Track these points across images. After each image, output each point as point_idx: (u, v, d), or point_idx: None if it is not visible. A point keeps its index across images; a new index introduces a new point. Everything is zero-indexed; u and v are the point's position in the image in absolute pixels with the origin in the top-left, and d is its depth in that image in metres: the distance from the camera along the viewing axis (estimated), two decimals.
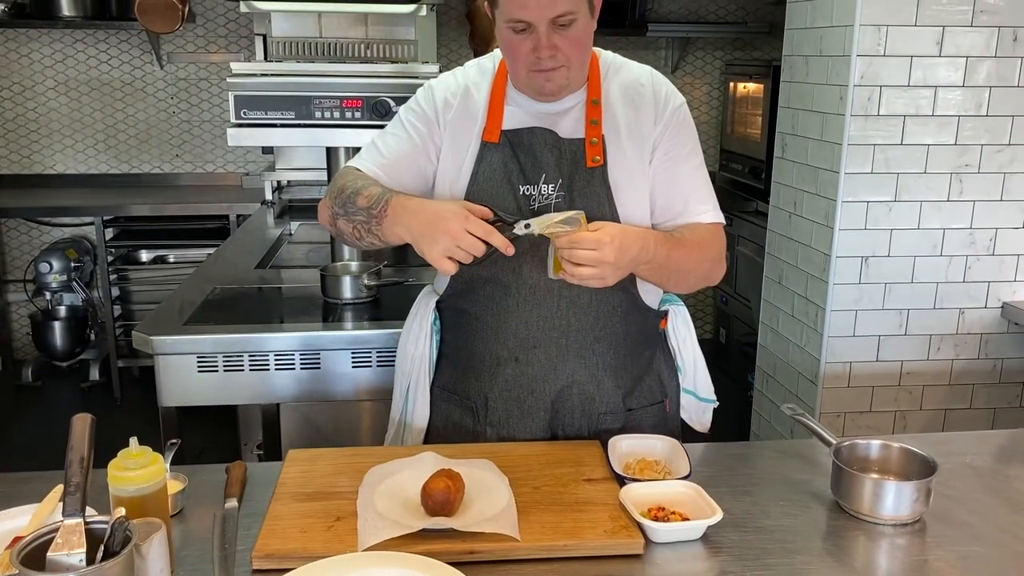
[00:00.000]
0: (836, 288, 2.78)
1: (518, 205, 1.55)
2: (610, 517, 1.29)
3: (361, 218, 1.50)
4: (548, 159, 1.56)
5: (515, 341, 1.58)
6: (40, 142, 4.60)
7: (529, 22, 1.43)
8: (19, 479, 1.42)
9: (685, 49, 4.89)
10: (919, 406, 2.91)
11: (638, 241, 1.42)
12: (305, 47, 2.77)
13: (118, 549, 0.97)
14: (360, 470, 1.38)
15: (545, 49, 1.45)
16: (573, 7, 1.43)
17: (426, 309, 1.69)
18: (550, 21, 1.42)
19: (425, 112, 1.61)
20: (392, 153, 1.61)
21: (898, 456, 1.44)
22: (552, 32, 1.44)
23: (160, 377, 2.08)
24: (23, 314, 4.70)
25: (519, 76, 1.53)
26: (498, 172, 1.56)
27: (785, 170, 3.07)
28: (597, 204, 1.54)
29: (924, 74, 2.64)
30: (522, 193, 1.56)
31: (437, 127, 1.60)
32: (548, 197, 1.55)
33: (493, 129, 1.57)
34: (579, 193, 1.55)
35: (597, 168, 1.55)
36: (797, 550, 1.27)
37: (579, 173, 1.55)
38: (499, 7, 1.47)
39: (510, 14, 1.44)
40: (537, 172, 1.56)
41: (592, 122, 1.56)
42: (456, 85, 1.62)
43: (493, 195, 1.54)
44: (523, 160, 1.56)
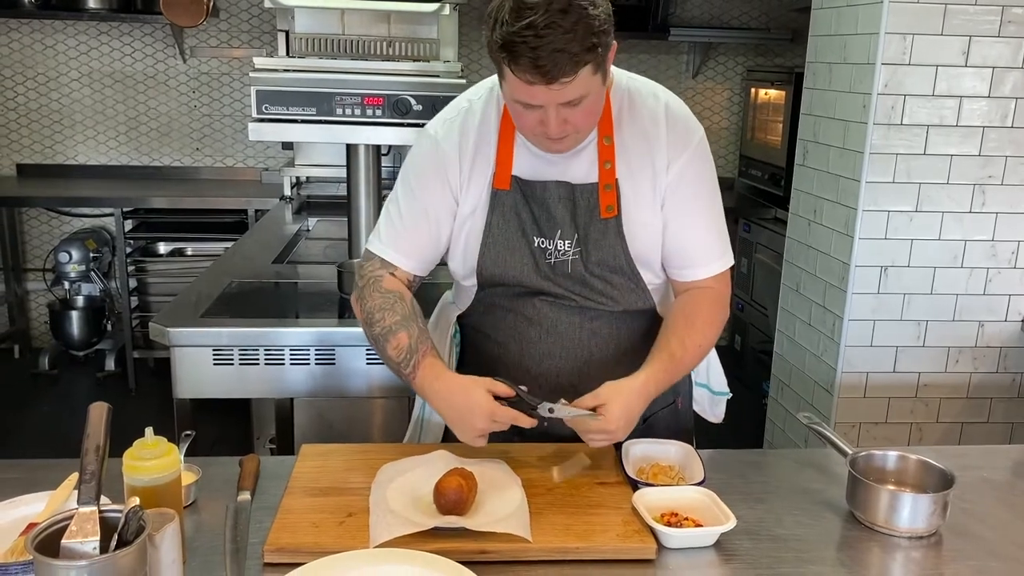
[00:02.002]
0: (854, 297, 2.76)
1: (534, 259, 1.52)
2: (623, 521, 1.28)
3: (392, 364, 1.49)
4: (563, 214, 1.51)
5: (538, 370, 1.57)
6: (63, 133, 4.64)
7: (538, 105, 1.35)
8: (34, 466, 1.43)
9: (707, 54, 4.87)
10: (935, 419, 2.88)
11: (641, 399, 1.42)
12: (327, 44, 2.77)
13: (132, 538, 0.97)
14: (373, 467, 1.38)
15: (555, 126, 1.37)
16: (586, 90, 1.34)
17: (447, 323, 1.68)
18: (561, 104, 1.34)
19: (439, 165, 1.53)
20: (410, 234, 1.55)
21: (915, 468, 1.42)
22: (562, 109, 1.35)
23: (176, 369, 2.09)
24: (41, 303, 4.73)
25: (525, 135, 1.47)
26: (512, 224, 1.52)
27: (806, 177, 3.05)
28: (612, 256, 1.52)
29: (949, 84, 2.62)
30: (536, 246, 1.52)
31: (450, 187, 1.53)
32: (565, 253, 1.52)
33: (504, 175, 1.51)
34: (594, 246, 1.51)
35: (611, 219, 1.50)
36: (811, 560, 1.26)
37: (593, 224, 1.50)
38: (506, 82, 1.36)
39: (517, 97, 1.36)
40: (552, 227, 1.52)
41: (605, 164, 1.50)
42: (463, 132, 1.53)
43: (509, 249, 1.52)
44: (537, 212, 1.51)
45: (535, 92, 1.32)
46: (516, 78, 1.32)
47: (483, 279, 1.56)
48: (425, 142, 1.56)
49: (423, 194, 1.54)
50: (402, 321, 1.48)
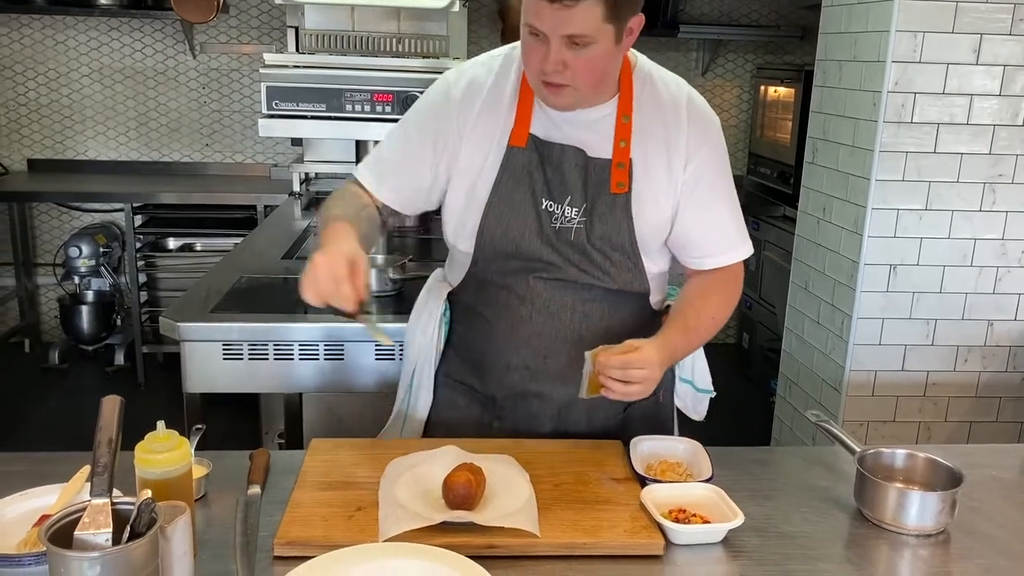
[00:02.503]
0: (863, 296, 2.75)
1: (539, 221, 1.50)
2: (631, 517, 1.28)
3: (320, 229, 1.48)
4: (576, 181, 1.50)
5: (528, 350, 1.56)
6: (73, 128, 4.66)
7: (542, 31, 1.35)
8: (45, 459, 1.44)
9: (716, 51, 4.86)
10: (944, 418, 2.88)
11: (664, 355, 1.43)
12: (337, 40, 2.77)
13: (144, 530, 0.98)
14: (382, 461, 1.38)
15: (552, 63, 1.36)
16: (591, 31, 1.33)
17: (437, 300, 1.65)
18: (564, 37, 1.33)
19: (439, 114, 1.53)
20: (394, 167, 1.57)
21: (923, 466, 1.42)
22: (565, 48, 1.35)
23: (185, 363, 2.09)
24: (51, 297, 4.76)
25: (529, 79, 1.46)
26: (523, 183, 1.50)
27: (815, 175, 3.04)
28: (616, 232, 1.51)
29: (960, 82, 2.61)
30: (544, 208, 1.51)
31: (454, 130, 1.52)
32: (571, 220, 1.51)
33: (521, 133, 1.50)
34: (599, 219, 1.50)
35: (621, 195, 1.50)
36: (818, 557, 1.26)
37: (602, 198, 1.50)
38: (524, 4, 1.38)
39: (526, 18, 1.37)
40: (563, 192, 1.50)
41: (620, 143, 1.50)
42: (480, 78, 1.53)
43: (514, 210, 1.50)
44: (550, 175, 1.50)
45: (541, 11, 1.32)
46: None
47: (483, 240, 1.52)
48: (439, 86, 1.57)
49: (417, 132, 1.55)
50: (347, 211, 1.48)
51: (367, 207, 1.54)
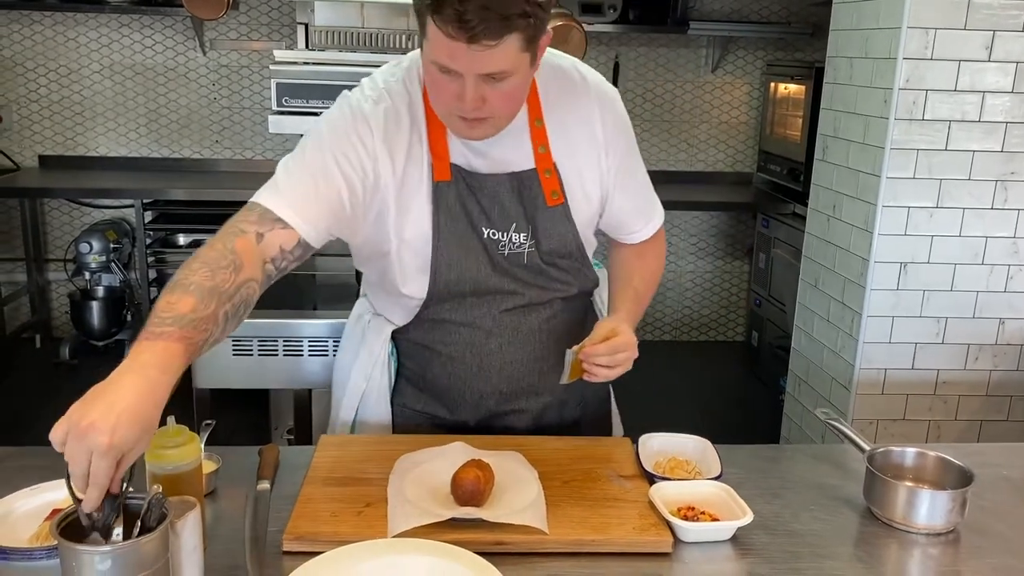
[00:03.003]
0: (873, 294, 2.74)
1: (488, 253, 1.45)
2: (639, 514, 1.28)
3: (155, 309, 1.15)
4: (514, 206, 1.44)
5: (500, 378, 1.52)
6: (84, 124, 4.68)
7: (455, 70, 1.23)
8: (56, 453, 1.44)
9: (726, 48, 4.85)
10: (954, 416, 2.87)
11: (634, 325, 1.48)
12: (347, 37, 2.77)
13: (154, 525, 0.98)
14: (391, 457, 1.39)
15: (471, 101, 1.25)
16: (510, 65, 1.23)
17: (377, 338, 1.57)
18: (482, 75, 1.23)
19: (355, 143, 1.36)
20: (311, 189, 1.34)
21: (933, 465, 1.42)
22: (481, 83, 1.24)
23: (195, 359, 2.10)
24: (62, 293, 4.78)
25: (440, 113, 1.34)
26: (460, 218, 1.41)
27: (825, 173, 3.03)
28: (563, 243, 1.49)
29: (972, 79, 2.59)
30: (487, 237, 1.44)
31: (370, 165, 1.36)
32: (520, 246, 1.46)
33: (442, 167, 1.40)
34: (544, 235, 1.47)
35: (558, 206, 1.46)
36: (827, 555, 1.26)
37: (540, 213, 1.45)
38: (428, 41, 1.23)
39: (436, 58, 1.23)
40: (506, 220, 1.44)
41: (540, 149, 1.43)
42: (393, 124, 1.37)
43: (463, 248, 1.43)
44: (486, 204, 1.43)
45: (456, 53, 1.20)
46: (437, 32, 1.19)
47: (437, 287, 1.45)
48: (346, 108, 1.38)
49: (336, 153, 1.34)
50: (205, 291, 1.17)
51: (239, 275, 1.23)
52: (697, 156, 5.01)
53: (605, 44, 4.77)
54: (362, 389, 1.60)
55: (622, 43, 4.80)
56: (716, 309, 5.20)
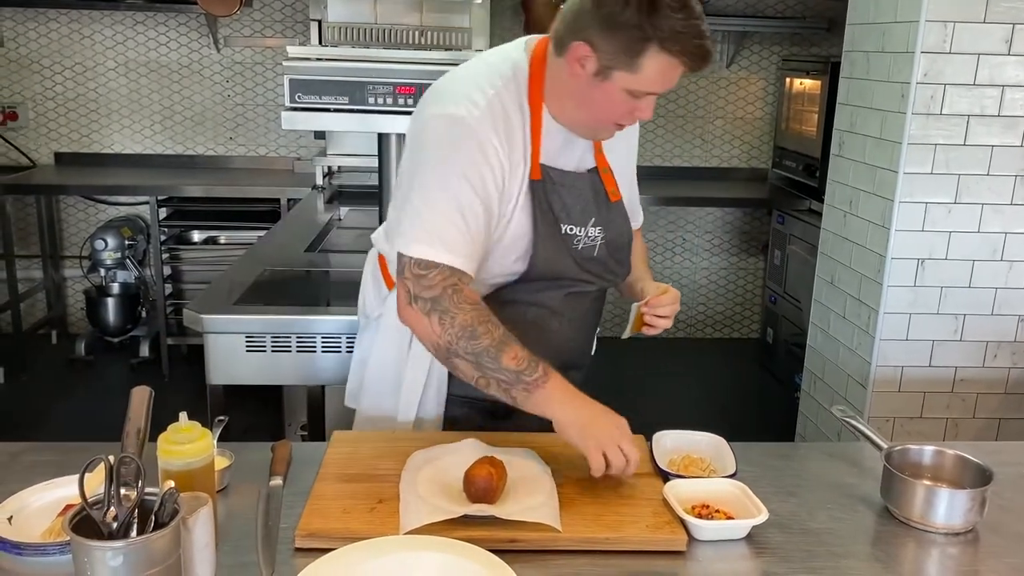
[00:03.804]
0: (890, 290, 2.72)
1: (568, 248, 1.53)
2: (653, 512, 1.27)
3: (503, 377, 1.35)
4: (591, 202, 1.55)
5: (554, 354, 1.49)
6: (99, 121, 4.70)
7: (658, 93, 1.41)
8: (70, 448, 1.45)
9: (741, 43, 4.82)
10: (972, 414, 2.84)
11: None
12: (360, 32, 2.77)
13: (167, 521, 0.98)
14: (403, 454, 1.38)
15: (648, 113, 1.42)
16: None
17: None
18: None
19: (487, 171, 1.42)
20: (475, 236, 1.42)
21: (952, 463, 1.40)
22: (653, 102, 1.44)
23: (209, 355, 2.11)
24: (78, 290, 4.81)
25: (587, 123, 1.46)
26: (548, 215, 1.49)
27: (841, 168, 3.00)
28: (621, 236, 1.61)
29: (991, 73, 2.56)
30: (564, 233, 1.52)
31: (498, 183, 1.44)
32: (594, 239, 1.56)
33: (536, 165, 1.47)
34: (610, 229, 1.58)
35: (618, 202, 1.60)
36: (844, 554, 1.24)
37: (607, 208, 1.58)
38: (635, 73, 1.34)
39: (645, 87, 1.36)
40: (585, 215, 1.54)
41: (599, 150, 1.58)
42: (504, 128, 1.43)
43: (555, 244, 1.51)
44: (568, 201, 1.51)
45: (671, 81, 1.37)
46: (662, 66, 1.33)
47: (531, 271, 1.52)
48: (461, 131, 1.41)
49: (479, 191, 1.41)
50: (508, 334, 1.37)
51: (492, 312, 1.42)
52: (712, 152, 4.98)
53: None
54: (422, 381, 1.60)
55: None
56: (731, 306, 5.17)
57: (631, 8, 1.30)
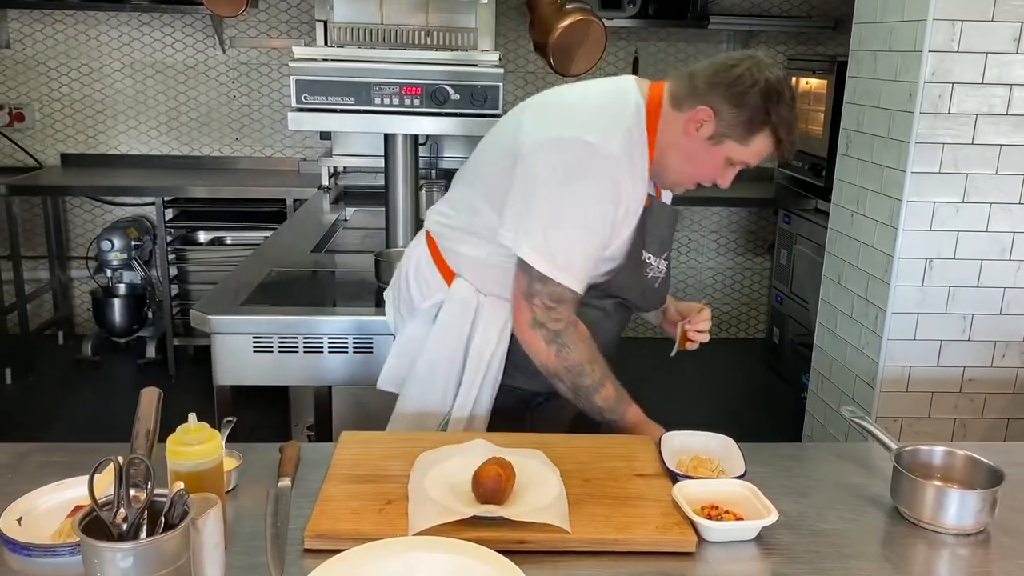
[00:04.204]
0: (898, 290, 2.71)
1: (641, 272, 1.69)
2: (662, 513, 1.27)
3: (591, 408, 1.63)
4: (668, 235, 1.72)
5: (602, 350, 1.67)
6: (105, 123, 4.71)
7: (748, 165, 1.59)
8: (78, 450, 1.45)
9: (747, 43, 4.80)
10: (980, 414, 2.83)
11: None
12: (366, 33, 2.77)
13: (176, 522, 0.98)
14: (412, 455, 1.38)
15: (729, 180, 1.61)
16: None
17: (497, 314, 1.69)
18: None
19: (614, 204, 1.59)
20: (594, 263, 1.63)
21: (962, 464, 1.40)
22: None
23: (216, 356, 2.11)
24: (84, 290, 4.82)
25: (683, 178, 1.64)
26: (637, 241, 1.66)
27: (848, 168, 3.00)
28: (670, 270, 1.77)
29: (999, 72, 2.55)
30: (644, 258, 1.67)
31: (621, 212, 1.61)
32: (661, 271, 1.73)
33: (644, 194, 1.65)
34: (668, 263, 1.75)
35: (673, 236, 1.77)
36: (854, 555, 1.24)
37: (670, 243, 1.75)
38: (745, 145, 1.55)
39: (746, 159, 1.57)
40: (663, 247, 1.71)
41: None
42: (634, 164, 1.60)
43: (636, 266, 1.67)
44: (654, 231, 1.66)
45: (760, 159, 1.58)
46: (766, 146, 1.55)
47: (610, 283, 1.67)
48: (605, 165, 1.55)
49: (607, 222, 1.58)
50: (605, 372, 1.62)
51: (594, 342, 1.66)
52: None
53: (624, 39, 4.75)
54: (480, 379, 1.69)
55: (641, 38, 4.77)
56: (737, 306, 5.16)
57: (757, 91, 1.51)
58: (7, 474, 1.37)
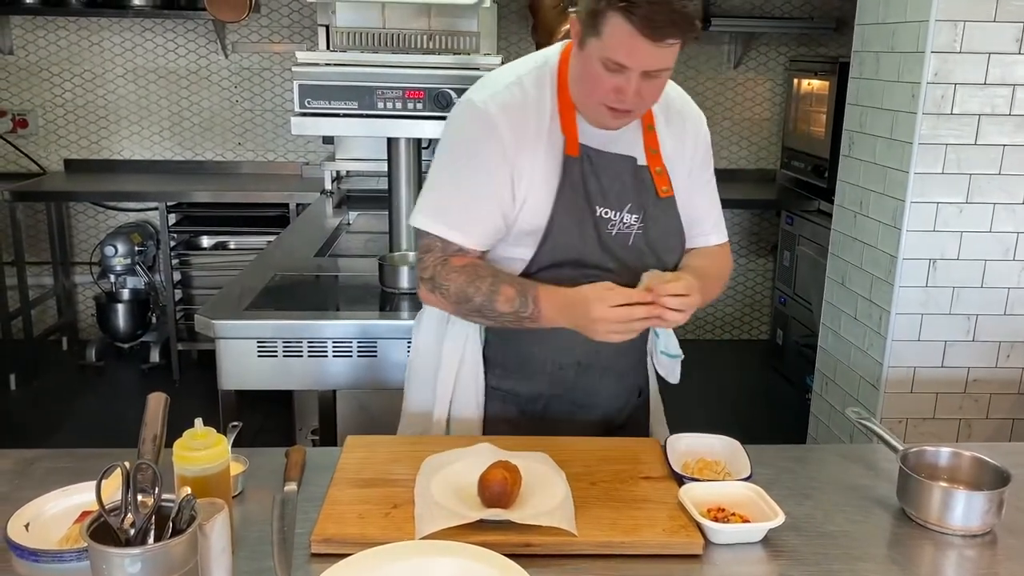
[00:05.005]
0: (901, 291, 2.71)
1: (597, 229, 1.52)
2: (669, 516, 1.27)
3: (508, 320, 1.48)
4: (629, 187, 1.54)
5: (582, 350, 1.59)
6: (108, 128, 4.72)
7: (627, 66, 1.36)
8: (85, 455, 1.46)
9: (748, 44, 4.81)
10: (985, 415, 2.82)
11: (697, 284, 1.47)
12: (368, 37, 2.77)
13: (183, 527, 0.98)
14: (417, 458, 1.38)
15: (630, 95, 1.39)
16: (671, 61, 1.39)
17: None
18: (647, 71, 1.37)
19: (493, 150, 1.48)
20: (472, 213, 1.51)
21: (968, 465, 1.39)
22: (642, 79, 1.38)
23: (221, 360, 2.11)
24: (88, 296, 4.83)
25: (586, 103, 1.47)
26: (579, 189, 1.51)
27: (851, 169, 3.00)
28: (670, 234, 1.59)
29: (1002, 72, 2.55)
30: (599, 214, 1.52)
31: (511, 160, 1.49)
32: (630, 226, 1.55)
33: (572, 142, 1.51)
34: (654, 223, 1.56)
35: (669, 198, 1.58)
36: (860, 557, 1.24)
37: (652, 202, 1.56)
38: (600, 39, 1.36)
39: (610, 55, 1.36)
40: (622, 199, 1.54)
41: (651, 151, 1.57)
42: (516, 100, 1.50)
43: (577, 219, 1.51)
44: (605, 183, 1.52)
45: (636, 51, 1.33)
46: (622, 31, 1.31)
47: (544, 248, 1.51)
48: (474, 115, 1.50)
49: (481, 172, 1.49)
50: (494, 279, 1.47)
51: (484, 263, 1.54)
52: (720, 153, 4.97)
53: None
54: (455, 371, 1.62)
55: None
56: (740, 307, 5.16)
57: None
58: (14, 480, 1.37)
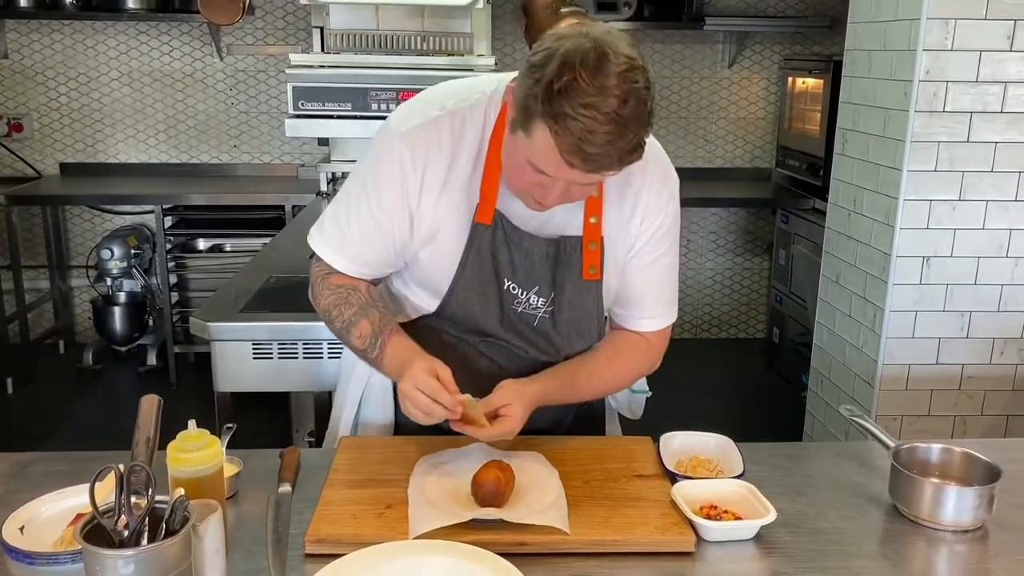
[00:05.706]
0: (896, 288, 2.72)
1: (501, 305, 1.43)
2: (661, 514, 1.27)
3: (359, 355, 1.44)
4: (545, 271, 1.41)
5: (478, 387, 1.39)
6: (104, 131, 4.72)
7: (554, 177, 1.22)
8: (80, 458, 1.46)
9: (743, 43, 4.82)
10: (980, 411, 2.83)
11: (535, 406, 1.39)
12: (362, 39, 2.78)
13: (177, 528, 0.99)
14: (411, 459, 1.39)
15: (554, 199, 1.27)
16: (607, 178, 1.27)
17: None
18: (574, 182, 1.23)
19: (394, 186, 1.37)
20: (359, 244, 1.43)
21: (960, 461, 1.40)
22: (570, 184, 1.25)
23: (216, 363, 2.11)
24: (85, 299, 4.83)
25: (513, 189, 1.33)
26: (487, 264, 1.40)
27: (845, 167, 3.00)
28: (586, 318, 1.46)
29: (993, 69, 2.56)
30: (507, 288, 1.42)
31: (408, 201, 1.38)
32: (536, 308, 1.44)
33: (487, 209, 1.37)
34: (568, 305, 1.44)
35: (594, 282, 1.43)
36: (853, 553, 1.24)
37: (572, 283, 1.43)
38: (529, 139, 1.19)
39: (535, 162, 1.21)
40: (531, 281, 1.42)
41: (591, 219, 1.40)
42: (433, 143, 1.35)
43: (479, 294, 1.42)
44: (517, 260, 1.40)
45: (564, 170, 1.19)
46: (549, 145, 1.16)
47: (444, 311, 1.45)
48: (387, 143, 1.38)
49: (378, 204, 1.39)
50: (359, 310, 1.41)
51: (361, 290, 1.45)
52: (715, 152, 4.98)
53: None
54: (365, 381, 1.59)
55: (638, 40, 4.76)
56: (736, 306, 5.17)
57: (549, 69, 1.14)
58: (9, 483, 1.37)
